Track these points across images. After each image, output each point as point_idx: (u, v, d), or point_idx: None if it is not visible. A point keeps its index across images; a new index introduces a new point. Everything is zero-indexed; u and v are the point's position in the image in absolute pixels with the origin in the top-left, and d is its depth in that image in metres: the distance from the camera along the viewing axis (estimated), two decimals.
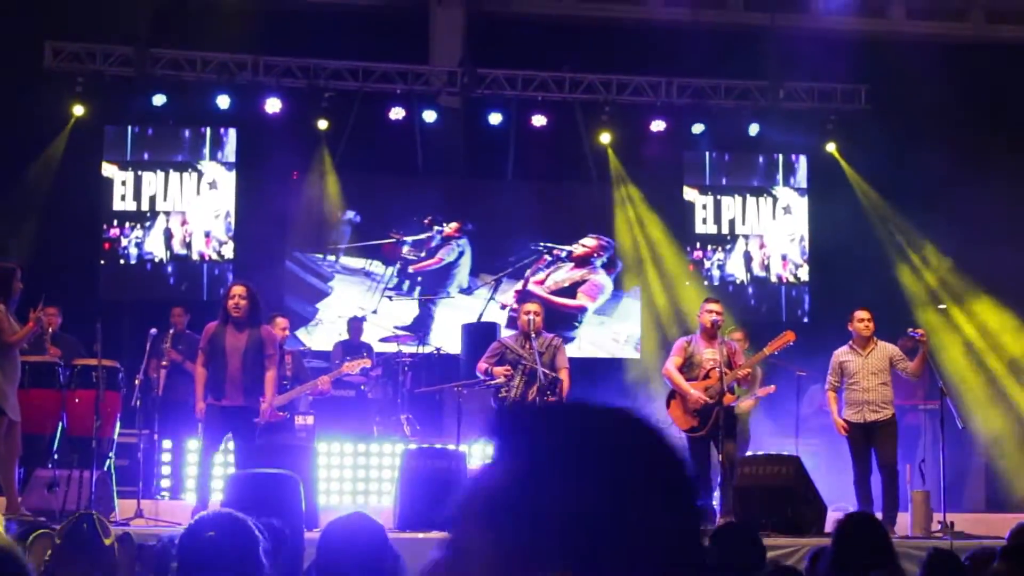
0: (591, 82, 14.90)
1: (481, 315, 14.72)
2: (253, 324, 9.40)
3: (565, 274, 15.52)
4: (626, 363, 14.93)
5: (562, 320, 15.23)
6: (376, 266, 14.99)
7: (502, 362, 10.12)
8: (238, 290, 9.45)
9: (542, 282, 15.41)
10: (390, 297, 14.89)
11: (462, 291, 15.15)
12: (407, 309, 14.90)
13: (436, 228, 15.08)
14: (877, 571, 4.18)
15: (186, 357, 11.52)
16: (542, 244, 15.31)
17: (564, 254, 15.43)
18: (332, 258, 14.95)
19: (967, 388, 13.50)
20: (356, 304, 14.65)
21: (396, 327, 14.68)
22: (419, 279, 15.05)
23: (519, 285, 15.21)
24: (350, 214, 14.98)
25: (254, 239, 14.48)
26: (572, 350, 13.11)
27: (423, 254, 15.09)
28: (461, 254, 15.22)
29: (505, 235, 15.15)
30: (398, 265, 14.99)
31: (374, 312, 14.76)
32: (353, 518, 4.00)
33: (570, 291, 15.42)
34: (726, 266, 15.37)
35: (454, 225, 15.19)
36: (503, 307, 14.95)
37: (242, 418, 9.32)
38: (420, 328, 14.77)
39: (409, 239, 14.98)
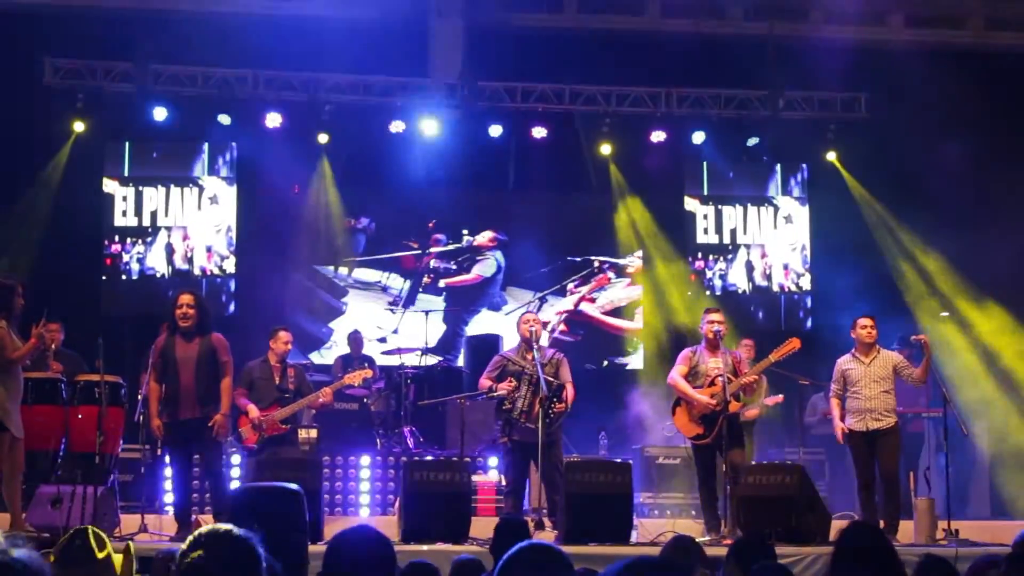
0: (591, 93, 14.90)
1: None
2: (203, 333, 9.20)
3: (620, 292, 15.19)
4: (628, 372, 14.89)
5: (613, 343, 15.01)
6: (394, 279, 14.90)
7: (504, 375, 10.09)
8: (185, 299, 9.25)
9: (593, 300, 15.11)
10: (392, 310, 14.83)
11: (490, 308, 15.02)
12: (434, 328, 14.38)
13: (466, 239, 14.91)
14: None
15: None
16: (592, 257, 15.09)
17: (606, 266, 15.17)
18: (344, 270, 14.91)
19: (971, 395, 13.47)
20: (374, 323, 14.54)
21: (421, 348, 14.18)
22: (443, 294, 14.86)
23: (566, 303, 14.87)
24: (364, 221, 14.92)
25: (256, 253, 14.50)
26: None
27: (453, 266, 14.95)
28: (499, 268, 15.03)
29: (520, 248, 15.03)
30: (426, 279, 14.76)
31: (395, 332, 14.65)
32: (359, 531, 3.99)
33: (626, 312, 15.18)
34: (728, 276, 15.35)
35: (488, 235, 15.02)
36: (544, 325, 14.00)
37: (202, 430, 9.12)
38: (449, 348, 14.55)
39: (435, 251, 14.86)
